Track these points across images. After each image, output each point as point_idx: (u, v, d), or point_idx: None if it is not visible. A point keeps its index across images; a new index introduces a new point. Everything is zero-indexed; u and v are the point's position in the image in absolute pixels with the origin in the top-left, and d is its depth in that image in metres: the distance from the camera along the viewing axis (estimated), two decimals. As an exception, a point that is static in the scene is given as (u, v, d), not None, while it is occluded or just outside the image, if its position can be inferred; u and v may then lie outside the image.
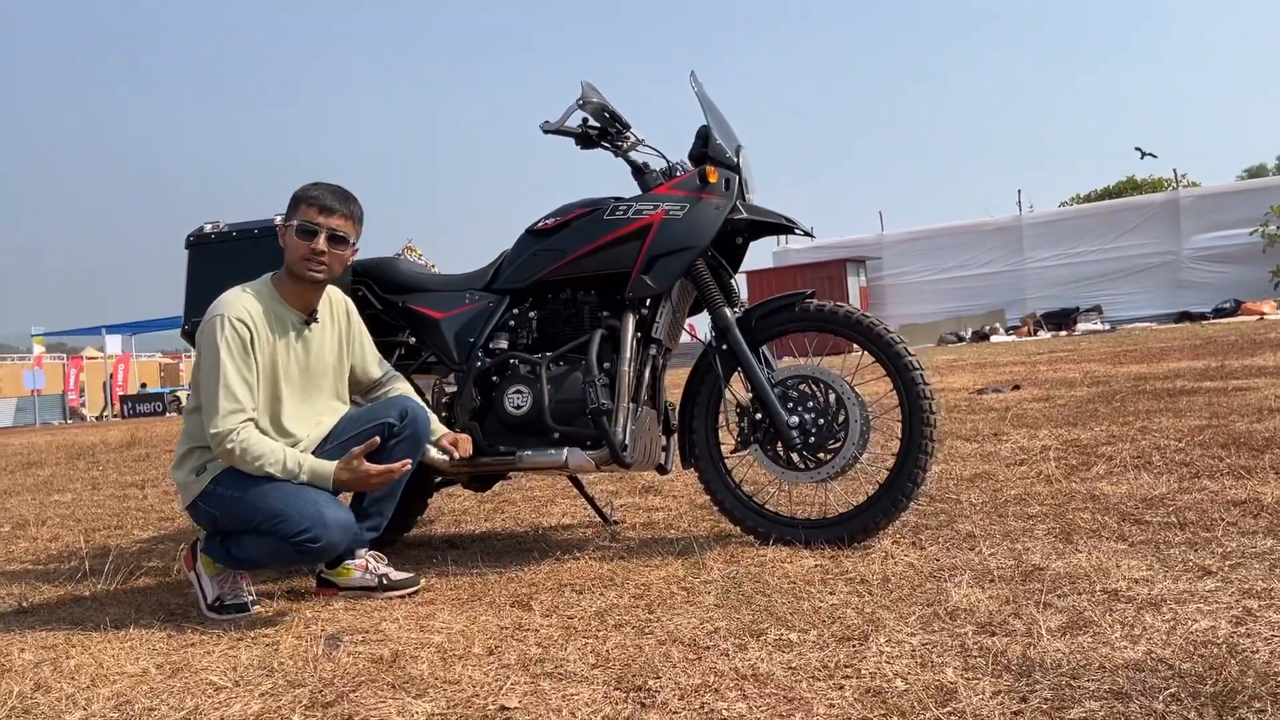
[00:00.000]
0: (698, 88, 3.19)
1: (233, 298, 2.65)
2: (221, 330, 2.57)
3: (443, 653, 2.18)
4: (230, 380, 2.55)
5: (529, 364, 3.08)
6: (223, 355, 2.56)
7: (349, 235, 2.72)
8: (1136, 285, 23.14)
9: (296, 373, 2.74)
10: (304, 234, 2.65)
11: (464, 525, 3.89)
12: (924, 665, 1.88)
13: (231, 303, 2.63)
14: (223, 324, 2.58)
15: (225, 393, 2.54)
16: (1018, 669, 1.81)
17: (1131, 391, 6.33)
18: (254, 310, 2.64)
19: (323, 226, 2.66)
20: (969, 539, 2.85)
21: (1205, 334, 13.88)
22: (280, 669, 2.14)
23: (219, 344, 2.57)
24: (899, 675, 1.83)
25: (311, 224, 2.66)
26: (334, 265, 2.71)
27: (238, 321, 2.59)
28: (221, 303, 2.64)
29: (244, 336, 2.59)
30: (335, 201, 2.70)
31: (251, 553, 2.61)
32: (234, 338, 2.58)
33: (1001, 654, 1.88)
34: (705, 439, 3.13)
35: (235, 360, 2.57)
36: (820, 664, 1.92)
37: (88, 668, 2.24)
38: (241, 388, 2.56)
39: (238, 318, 2.60)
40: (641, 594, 2.55)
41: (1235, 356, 8.46)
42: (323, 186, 2.72)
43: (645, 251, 3.01)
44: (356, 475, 2.57)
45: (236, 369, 2.57)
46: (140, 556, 3.66)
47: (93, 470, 7.54)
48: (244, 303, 2.64)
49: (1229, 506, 2.94)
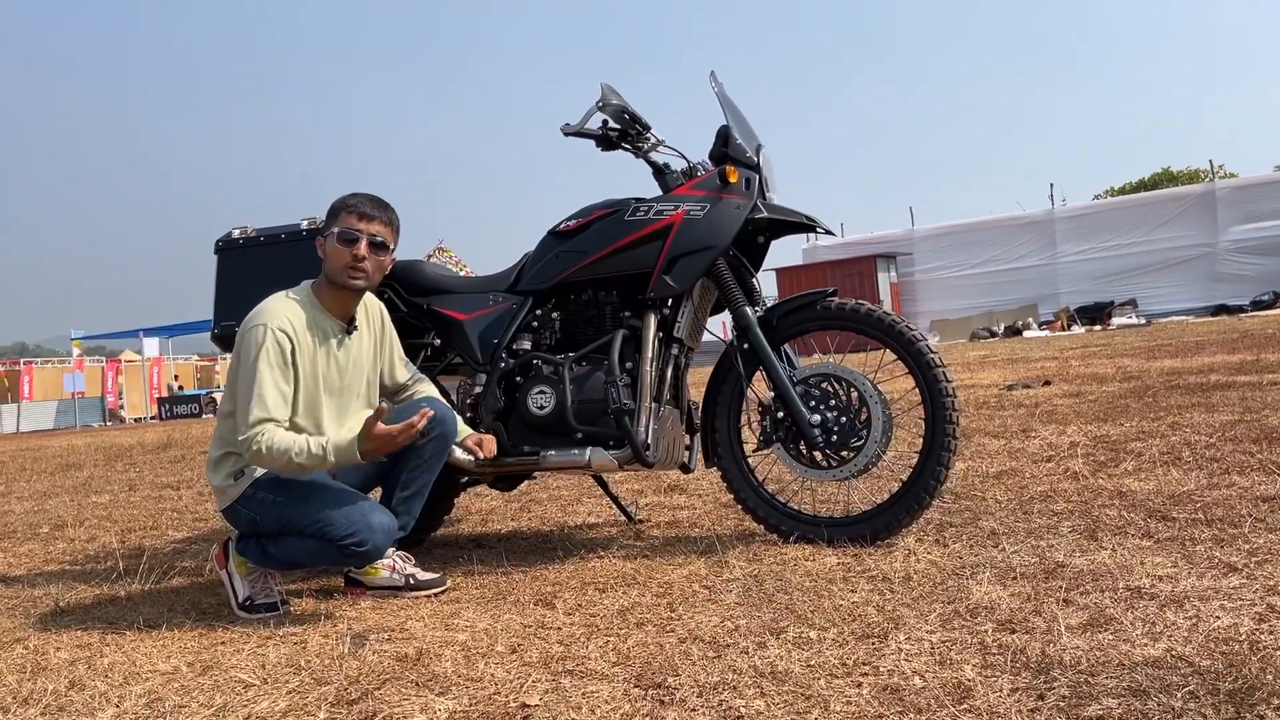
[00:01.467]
0: (717, 87, 3.20)
1: (276, 306, 2.69)
2: (263, 339, 2.61)
3: (466, 651, 2.21)
4: (265, 389, 2.58)
5: (552, 364, 3.11)
6: (261, 364, 2.59)
7: (388, 241, 2.76)
8: (1172, 278, 22.85)
9: (337, 379, 2.78)
10: (345, 241, 2.69)
11: (490, 525, 3.92)
12: (942, 663, 1.88)
13: (275, 312, 2.67)
14: (265, 333, 2.61)
15: (259, 401, 2.57)
16: (1036, 666, 1.81)
17: (1164, 386, 6.26)
18: (296, 320, 2.68)
19: (363, 233, 2.70)
20: (992, 536, 2.84)
21: (1242, 327, 13.68)
22: (307, 667, 2.18)
23: (259, 352, 2.60)
24: (917, 673, 1.84)
25: (353, 230, 2.70)
26: (374, 272, 2.75)
27: (279, 332, 2.63)
28: (265, 311, 2.67)
29: (284, 347, 2.63)
30: (374, 209, 2.74)
31: (292, 554, 2.66)
32: (274, 348, 2.61)
33: (1020, 651, 1.88)
34: (728, 438, 3.14)
35: (273, 370, 2.60)
36: (839, 661, 1.93)
37: (121, 666, 2.29)
38: (275, 397, 2.59)
39: (280, 328, 2.63)
40: (664, 592, 2.57)
41: (1272, 350, 8.34)
42: (361, 196, 2.77)
43: (666, 251, 3.02)
44: (379, 440, 2.54)
45: (273, 379, 2.60)
46: (174, 557, 3.73)
47: (130, 472, 7.68)
48: (287, 312, 2.68)
49: (1257, 503, 2.91)
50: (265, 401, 2.58)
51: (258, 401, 2.57)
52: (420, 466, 2.81)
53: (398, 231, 2.84)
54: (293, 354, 2.65)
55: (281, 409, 2.60)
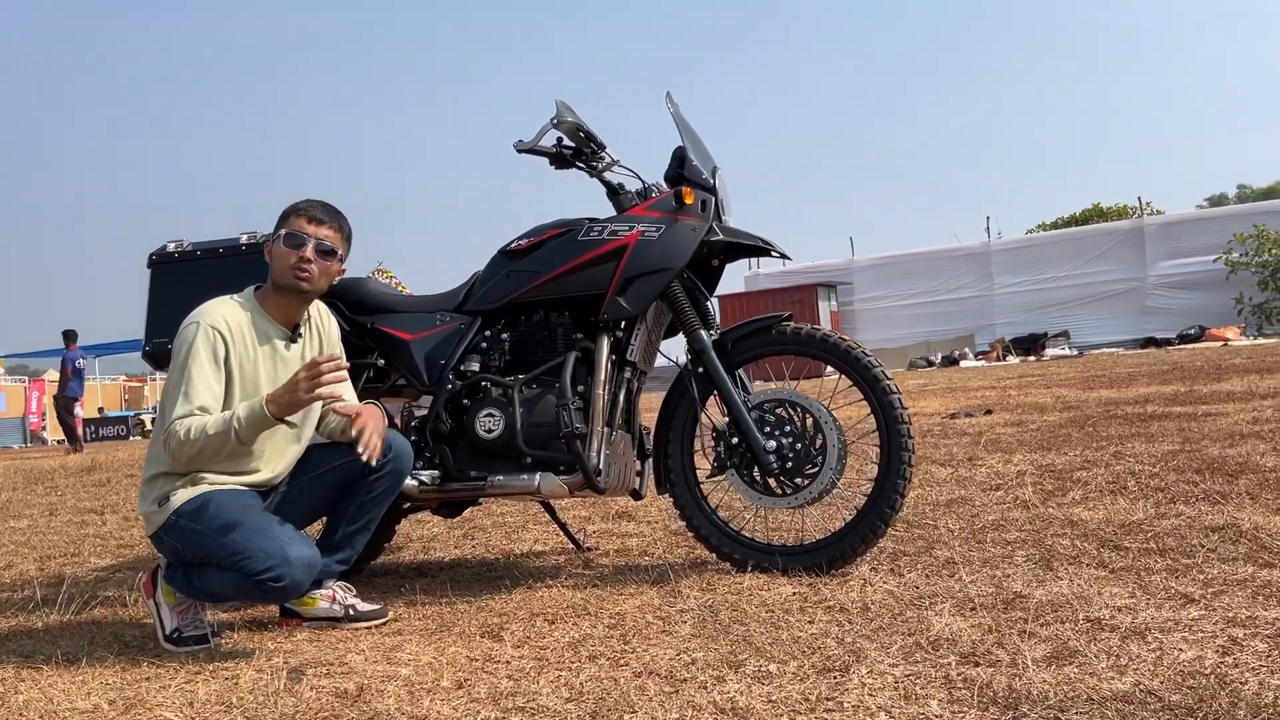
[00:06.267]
0: (673, 108, 3.16)
1: (213, 306, 2.59)
2: (194, 338, 2.50)
3: (410, 686, 2.10)
4: (192, 386, 2.46)
5: (501, 387, 3.02)
6: (190, 362, 2.48)
7: (337, 248, 2.67)
8: (1103, 311, 23.38)
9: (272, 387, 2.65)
10: (292, 243, 2.60)
11: (433, 552, 3.80)
12: (907, 697, 1.82)
13: (211, 311, 2.57)
14: (196, 331, 2.51)
15: (183, 398, 2.46)
16: (1004, 701, 1.76)
17: (1103, 416, 6.35)
18: (234, 320, 2.58)
19: (311, 236, 2.61)
20: (948, 565, 2.81)
21: (1171, 359, 14.03)
22: (239, 704, 2.06)
23: (189, 350, 2.50)
24: (882, 708, 1.78)
25: (300, 233, 2.61)
26: (319, 278, 2.64)
27: (212, 329, 2.52)
28: (201, 310, 2.58)
29: (216, 346, 2.52)
30: (324, 214, 2.66)
31: (214, 586, 2.51)
32: (205, 346, 2.50)
33: (987, 685, 1.84)
34: (680, 464, 3.07)
35: (203, 369, 2.49)
36: (801, 696, 1.87)
37: (36, 704, 2.14)
38: (204, 394, 2.47)
39: (213, 325, 2.53)
40: (616, 624, 2.49)
41: (1203, 382, 8.53)
42: (313, 201, 2.69)
43: (620, 273, 2.96)
44: (286, 396, 2.41)
45: (202, 377, 2.48)
46: (96, 585, 3.54)
47: (50, 496, 7.36)
48: (224, 311, 2.58)
49: (1207, 533, 2.92)
50: (190, 398, 2.46)
51: (182, 399, 2.46)
52: (370, 501, 2.70)
53: (349, 240, 2.75)
54: (226, 353, 2.54)
55: (211, 405, 2.48)
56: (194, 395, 2.47)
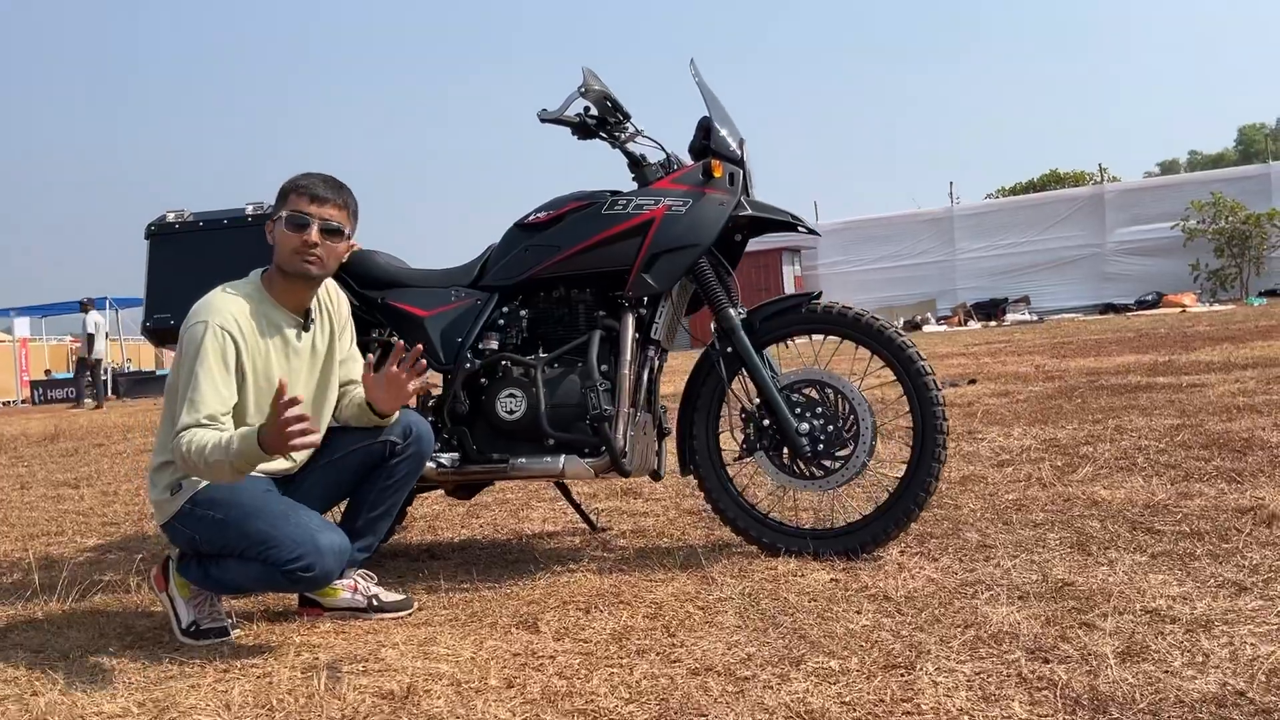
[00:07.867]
0: (698, 77, 3.04)
1: (221, 302, 2.42)
2: (202, 339, 2.34)
3: (457, 685, 2.02)
4: (199, 392, 2.31)
5: (523, 366, 2.92)
6: (198, 367, 2.33)
7: (343, 226, 2.50)
8: (1063, 277, 23.64)
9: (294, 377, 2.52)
10: (294, 226, 2.43)
11: (441, 532, 3.70)
12: (986, 699, 1.78)
13: (218, 307, 2.40)
14: (204, 332, 2.35)
15: (190, 405, 2.30)
16: (1090, 704, 1.71)
17: (1089, 387, 6.38)
18: (242, 315, 2.42)
19: (314, 217, 2.44)
20: (982, 550, 2.77)
21: (1133, 325, 14.22)
22: (280, 706, 1.96)
23: (197, 354, 2.33)
24: (964, 711, 1.73)
25: (303, 214, 2.44)
26: (328, 259, 2.49)
27: (222, 331, 2.36)
28: (208, 307, 2.40)
29: (226, 348, 2.36)
30: (328, 191, 2.48)
31: (235, 578, 2.39)
32: (214, 349, 2.34)
33: (1066, 685, 1.79)
34: (706, 445, 2.99)
35: (211, 373, 2.33)
36: (875, 697, 1.81)
37: (60, 707, 2.02)
38: (211, 401, 2.31)
39: (223, 326, 2.36)
40: (655, 613, 2.42)
41: (1176, 350, 8.63)
42: (314, 176, 2.50)
43: (646, 249, 2.86)
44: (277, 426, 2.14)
45: (210, 383, 2.32)
46: (91, 569, 3.40)
47: (18, 467, 7.12)
48: (231, 307, 2.41)
49: (1236, 514, 2.90)
50: (197, 405, 2.30)
51: (189, 406, 2.31)
52: (391, 485, 2.59)
53: (355, 215, 2.59)
54: (237, 355, 2.39)
55: (218, 410, 2.33)
56: (200, 404, 2.31)
